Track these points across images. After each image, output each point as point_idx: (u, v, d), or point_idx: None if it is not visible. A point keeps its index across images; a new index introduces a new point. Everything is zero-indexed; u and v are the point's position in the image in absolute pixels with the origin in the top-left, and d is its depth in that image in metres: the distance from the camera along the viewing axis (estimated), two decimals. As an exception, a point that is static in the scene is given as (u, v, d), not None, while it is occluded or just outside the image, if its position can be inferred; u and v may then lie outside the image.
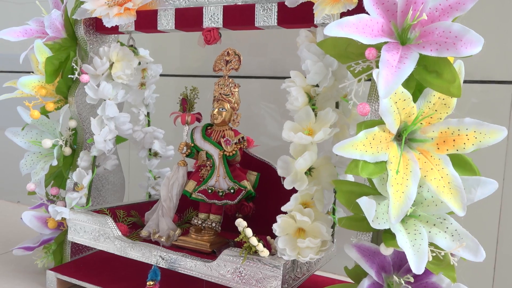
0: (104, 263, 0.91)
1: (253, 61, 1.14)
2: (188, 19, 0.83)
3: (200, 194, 0.82)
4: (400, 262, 0.63)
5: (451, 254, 0.57)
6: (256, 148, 0.91)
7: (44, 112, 0.92)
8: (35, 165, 0.92)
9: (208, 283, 0.71)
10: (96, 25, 0.94)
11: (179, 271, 0.72)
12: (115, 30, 0.91)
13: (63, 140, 0.89)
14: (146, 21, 0.87)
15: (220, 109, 0.83)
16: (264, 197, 0.88)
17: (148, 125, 0.99)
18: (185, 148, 0.84)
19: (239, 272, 0.67)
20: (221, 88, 0.84)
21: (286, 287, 0.66)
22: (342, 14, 0.68)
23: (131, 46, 0.93)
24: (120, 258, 0.91)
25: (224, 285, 0.68)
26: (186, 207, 1.02)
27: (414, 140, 0.61)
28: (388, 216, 0.56)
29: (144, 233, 0.84)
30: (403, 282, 0.60)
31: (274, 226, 0.65)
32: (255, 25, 0.76)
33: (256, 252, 0.66)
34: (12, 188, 1.56)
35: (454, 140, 0.59)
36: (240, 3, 0.78)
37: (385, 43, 0.59)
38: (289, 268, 0.66)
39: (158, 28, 0.86)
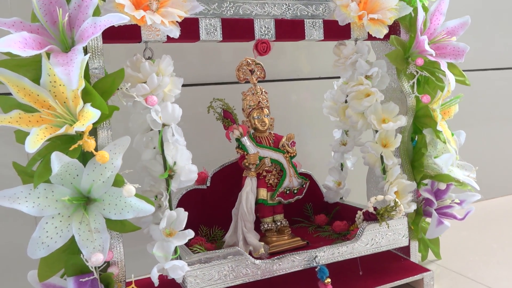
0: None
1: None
2: (237, 30, 0.82)
3: (279, 198, 0.86)
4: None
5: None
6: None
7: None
8: (66, 232, 0.65)
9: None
10: (103, 34, 0.72)
11: (332, 261, 0.80)
12: (132, 39, 0.75)
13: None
14: (184, 30, 0.77)
15: (266, 116, 0.88)
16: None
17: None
18: (257, 159, 0.85)
19: (377, 237, 0.84)
20: (258, 97, 0.89)
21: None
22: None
23: (149, 58, 0.78)
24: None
25: (369, 254, 0.83)
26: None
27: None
28: (453, 163, 0.91)
29: (241, 254, 0.80)
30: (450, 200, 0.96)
31: (394, 194, 0.86)
32: (305, 38, 0.87)
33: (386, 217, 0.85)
34: None
35: (448, 111, 0.99)
36: (288, 18, 0.86)
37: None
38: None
39: (202, 39, 0.79)
